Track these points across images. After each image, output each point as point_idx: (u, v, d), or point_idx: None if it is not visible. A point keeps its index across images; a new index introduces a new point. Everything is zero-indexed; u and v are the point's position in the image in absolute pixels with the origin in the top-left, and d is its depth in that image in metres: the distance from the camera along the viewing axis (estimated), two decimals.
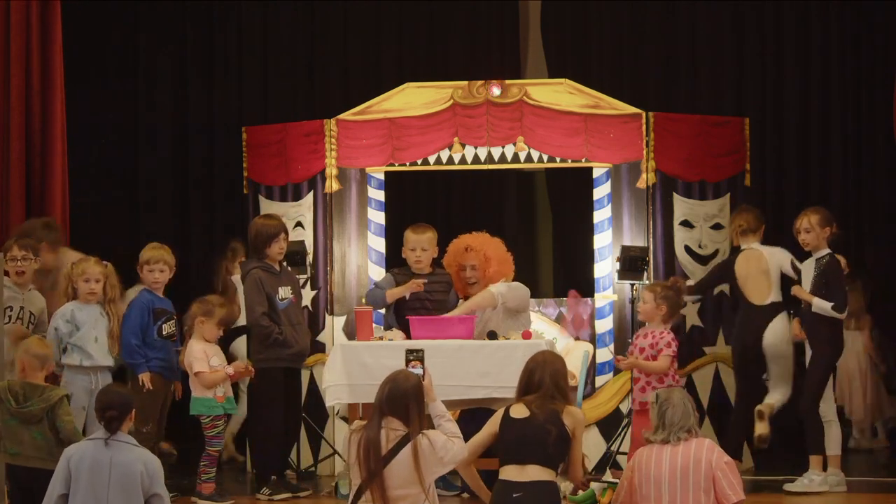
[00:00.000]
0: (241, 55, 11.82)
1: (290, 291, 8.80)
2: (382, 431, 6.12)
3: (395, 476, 6.07)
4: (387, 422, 6.14)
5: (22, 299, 8.41)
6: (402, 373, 6.38)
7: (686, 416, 6.27)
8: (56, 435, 7.13)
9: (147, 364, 8.40)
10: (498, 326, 8.51)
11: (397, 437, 6.11)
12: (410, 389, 6.20)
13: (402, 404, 6.16)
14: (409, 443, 6.09)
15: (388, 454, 6.08)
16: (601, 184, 9.76)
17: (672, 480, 6.16)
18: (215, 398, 8.46)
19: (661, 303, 8.59)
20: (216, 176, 11.66)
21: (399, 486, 6.09)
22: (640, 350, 8.57)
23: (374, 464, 6.07)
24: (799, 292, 8.72)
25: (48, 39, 9.33)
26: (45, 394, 7.23)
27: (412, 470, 6.08)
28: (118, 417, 6.11)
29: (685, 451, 6.19)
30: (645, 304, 8.64)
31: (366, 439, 6.12)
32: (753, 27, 11.56)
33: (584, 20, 11.79)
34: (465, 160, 9.84)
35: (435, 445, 6.14)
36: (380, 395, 6.21)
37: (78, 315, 8.26)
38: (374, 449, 6.08)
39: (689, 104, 11.20)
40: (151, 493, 6.05)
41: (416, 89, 9.91)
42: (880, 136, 10.87)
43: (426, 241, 8.80)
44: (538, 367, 6.67)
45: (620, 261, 9.49)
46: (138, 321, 8.41)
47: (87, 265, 8.33)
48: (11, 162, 9.15)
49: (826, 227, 8.73)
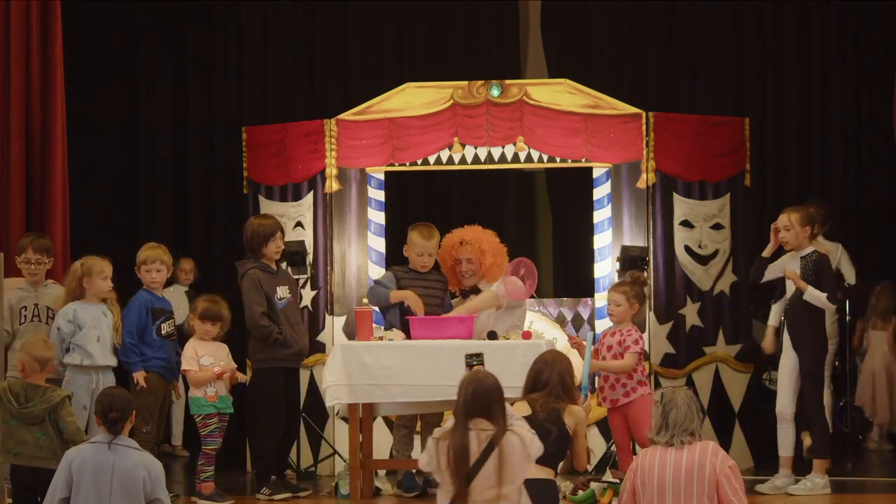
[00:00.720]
0: (241, 55, 11.82)
1: (287, 291, 8.80)
2: (472, 434, 5.93)
3: (487, 478, 5.90)
4: (474, 423, 5.95)
5: (35, 296, 8.48)
6: (478, 372, 6.24)
7: (690, 418, 6.23)
8: (59, 435, 7.14)
9: (146, 363, 8.40)
10: (495, 322, 8.51)
11: (487, 437, 5.91)
12: (493, 386, 6.02)
13: (487, 403, 5.96)
14: (499, 443, 5.91)
15: (480, 457, 5.89)
16: (601, 184, 9.76)
17: (676, 485, 6.14)
18: (206, 397, 8.48)
19: (634, 302, 8.44)
20: (216, 176, 11.66)
21: (491, 486, 5.90)
22: (608, 348, 8.42)
23: (465, 471, 5.87)
24: (794, 277, 8.65)
25: (48, 39, 9.32)
26: (46, 394, 7.23)
27: (506, 469, 5.89)
28: (122, 419, 6.08)
29: (689, 456, 6.16)
30: (618, 307, 8.41)
31: (455, 446, 5.90)
32: (753, 27, 11.57)
33: (584, 20, 11.80)
34: (465, 160, 9.84)
35: (524, 441, 5.98)
36: (463, 397, 6.00)
37: (80, 314, 8.27)
38: (464, 455, 5.89)
39: (689, 104, 11.21)
40: (153, 497, 6.01)
41: (416, 89, 9.91)
42: (880, 136, 10.87)
43: (433, 248, 8.79)
44: (546, 367, 6.71)
45: (620, 261, 9.49)
46: (136, 321, 8.42)
47: (104, 264, 8.35)
48: (11, 162, 9.14)
49: (807, 226, 8.72)
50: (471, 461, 5.86)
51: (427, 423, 8.82)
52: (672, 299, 9.72)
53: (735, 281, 9.90)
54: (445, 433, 6.01)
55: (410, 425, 8.87)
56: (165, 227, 11.45)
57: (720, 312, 9.85)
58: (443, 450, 5.95)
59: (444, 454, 5.94)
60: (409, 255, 8.81)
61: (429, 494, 8.66)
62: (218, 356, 8.59)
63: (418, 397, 8.23)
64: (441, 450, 5.96)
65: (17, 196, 9.14)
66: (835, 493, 8.62)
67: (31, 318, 8.47)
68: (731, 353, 9.89)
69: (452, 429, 5.98)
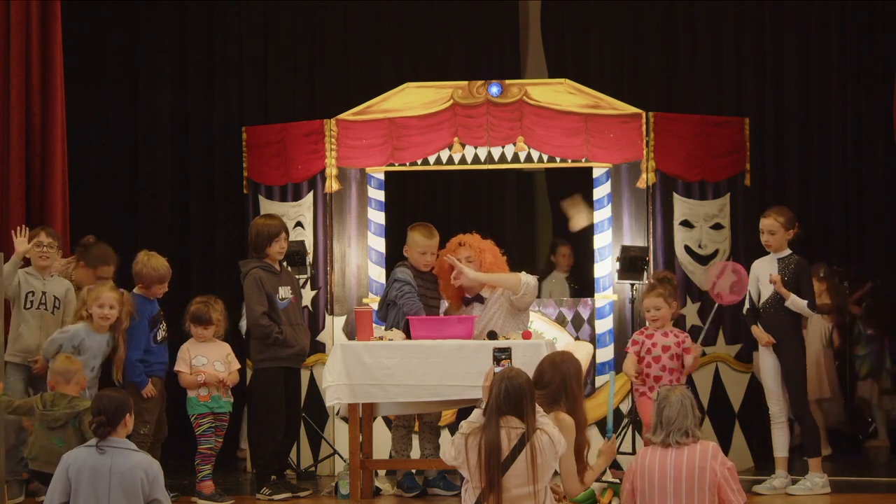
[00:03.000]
0: (241, 55, 11.81)
1: (290, 291, 8.80)
2: (503, 431, 5.92)
3: (516, 476, 5.90)
4: (505, 421, 5.94)
5: (44, 284, 8.53)
6: (510, 370, 6.17)
7: (683, 416, 6.21)
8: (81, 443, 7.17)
9: (148, 369, 8.44)
10: (498, 326, 8.50)
11: (518, 435, 5.92)
12: (525, 384, 6.02)
13: (519, 401, 5.96)
14: (529, 441, 5.91)
15: (509, 455, 5.90)
16: (601, 184, 9.76)
17: (677, 489, 6.13)
18: (198, 398, 8.51)
19: (672, 301, 8.55)
20: (216, 176, 11.66)
21: (520, 485, 5.92)
22: (664, 349, 8.45)
23: (496, 468, 5.86)
24: (779, 286, 8.62)
25: (48, 39, 9.32)
26: (72, 402, 7.69)
27: (538, 467, 5.90)
28: (107, 423, 6.04)
29: (689, 458, 6.14)
30: (659, 311, 8.50)
31: (486, 443, 5.89)
32: (753, 27, 11.57)
33: (584, 20, 11.79)
34: (465, 160, 9.85)
35: (553, 439, 5.99)
36: (495, 394, 5.98)
37: (87, 341, 8.26)
38: (494, 452, 5.88)
39: (689, 104, 11.20)
40: (152, 498, 6.02)
41: (416, 89, 9.91)
42: (880, 136, 10.87)
43: (435, 246, 8.78)
44: (550, 368, 6.60)
45: (620, 261, 9.49)
46: (144, 338, 8.45)
47: (102, 290, 8.33)
48: (11, 162, 9.14)
49: (790, 229, 8.72)
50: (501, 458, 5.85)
51: (425, 423, 8.83)
52: None
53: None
54: (476, 429, 5.97)
55: (408, 425, 8.87)
56: (165, 228, 11.44)
57: (720, 312, 9.84)
58: (472, 446, 5.94)
59: (475, 450, 5.92)
60: (411, 254, 8.78)
61: (429, 494, 8.67)
62: (214, 357, 8.59)
63: (418, 397, 8.23)
64: (471, 446, 5.94)
65: (17, 196, 9.14)
66: (835, 493, 8.61)
67: (38, 305, 8.48)
68: (731, 353, 9.90)
69: (484, 425, 5.95)
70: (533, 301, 8.73)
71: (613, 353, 9.60)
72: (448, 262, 8.65)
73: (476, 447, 5.92)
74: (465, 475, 6.00)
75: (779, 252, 8.71)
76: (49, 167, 9.26)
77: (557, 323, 9.74)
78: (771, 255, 8.74)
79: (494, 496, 5.88)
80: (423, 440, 8.82)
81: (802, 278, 8.65)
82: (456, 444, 6.02)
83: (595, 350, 9.60)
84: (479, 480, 5.92)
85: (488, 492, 5.89)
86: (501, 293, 8.59)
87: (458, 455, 5.99)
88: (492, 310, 8.63)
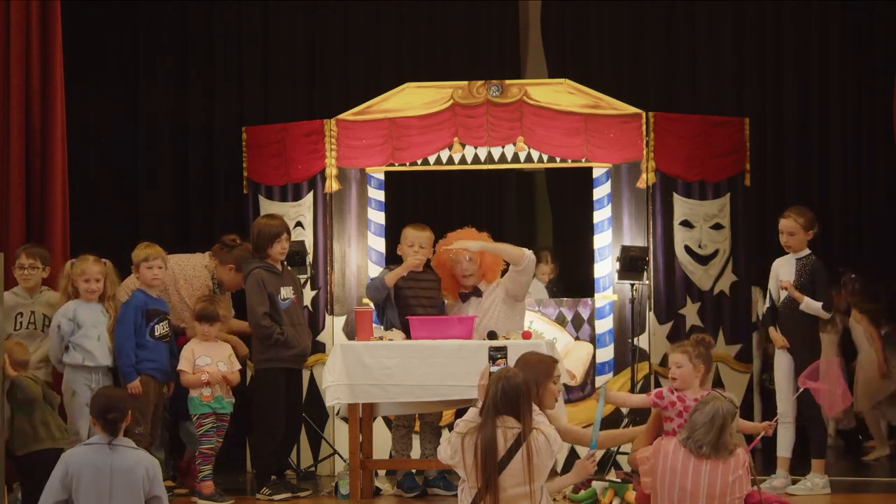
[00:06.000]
0: (241, 55, 11.82)
1: (291, 292, 8.80)
2: (499, 431, 5.91)
3: (512, 476, 5.90)
4: (501, 420, 5.93)
5: (31, 303, 8.49)
6: (507, 370, 6.16)
7: (706, 431, 6.33)
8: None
9: (138, 365, 8.37)
10: (497, 319, 8.51)
11: (514, 435, 5.91)
12: (521, 384, 6.00)
13: (516, 401, 5.94)
14: (525, 441, 5.91)
15: (505, 455, 5.89)
16: (601, 184, 9.76)
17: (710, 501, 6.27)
18: (201, 397, 8.50)
19: (699, 363, 7.46)
20: (216, 176, 11.66)
21: (516, 485, 5.91)
22: (679, 414, 7.37)
23: (492, 468, 5.86)
24: (791, 290, 8.64)
25: (48, 39, 9.31)
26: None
27: (534, 467, 5.90)
28: (121, 419, 6.08)
29: (724, 473, 6.28)
30: (680, 368, 7.41)
31: (483, 442, 5.89)
32: (753, 27, 11.57)
33: (584, 20, 11.80)
34: (465, 160, 9.85)
35: (550, 439, 5.98)
36: (492, 394, 5.96)
37: (80, 314, 8.28)
38: (491, 452, 5.88)
39: (689, 104, 11.21)
40: (151, 495, 6.04)
41: (416, 89, 9.91)
42: (880, 136, 10.87)
43: (425, 239, 8.78)
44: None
45: (620, 261, 9.49)
46: (131, 326, 8.41)
47: (85, 265, 8.35)
48: (11, 162, 9.12)
49: (811, 229, 8.72)
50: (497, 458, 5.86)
51: (426, 423, 8.83)
52: (672, 299, 9.72)
53: (735, 281, 9.91)
54: (472, 428, 5.97)
55: (408, 425, 8.87)
56: (165, 228, 11.44)
57: (720, 312, 9.85)
58: (469, 445, 5.94)
59: (471, 450, 5.92)
60: (403, 251, 8.79)
61: (429, 494, 8.67)
62: (217, 357, 8.59)
63: (418, 397, 8.24)
64: (467, 445, 5.94)
65: (17, 196, 9.13)
66: (835, 493, 8.62)
67: (27, 325, 8.47)
68: (731, 353, 9.90)
69: (480, 425, 5.95)
70: (530, 283, 8.73)
71: (613, 353, 9.60)
72: (447, 256, 8.68)
73: (472, 447, 5.93)
74: (461, 474, 6.00)
75: (798, 252, 8.71)
76: (49, 167, 9.25)
77: (557, 323, 9.73)
78: (789, 256, 8.74)
79: (491, 496, 5.88)
80: (423, 440, 8.82)
81: (818, 279, 8.64)
82: (452, 443, 6.02)
83: (595, 350, 9.60)
84: (475, 480, 5.93)
85: (484, 491, 5.89)
86: (497, 285, 8.61)
87: (455, 454, 6.00)
88: (487, 301, 8.64)
